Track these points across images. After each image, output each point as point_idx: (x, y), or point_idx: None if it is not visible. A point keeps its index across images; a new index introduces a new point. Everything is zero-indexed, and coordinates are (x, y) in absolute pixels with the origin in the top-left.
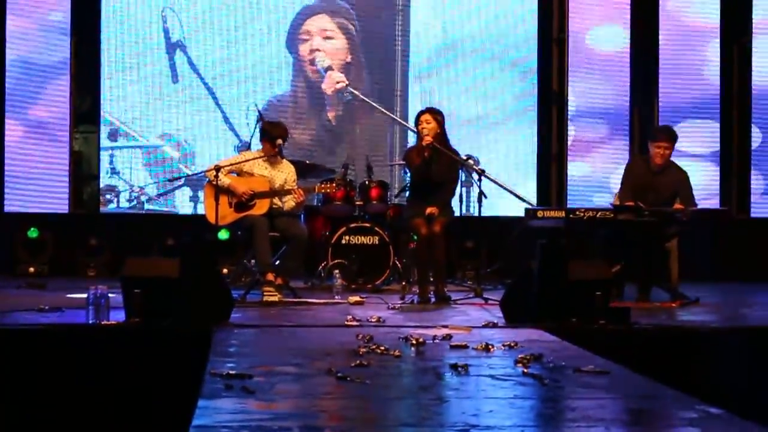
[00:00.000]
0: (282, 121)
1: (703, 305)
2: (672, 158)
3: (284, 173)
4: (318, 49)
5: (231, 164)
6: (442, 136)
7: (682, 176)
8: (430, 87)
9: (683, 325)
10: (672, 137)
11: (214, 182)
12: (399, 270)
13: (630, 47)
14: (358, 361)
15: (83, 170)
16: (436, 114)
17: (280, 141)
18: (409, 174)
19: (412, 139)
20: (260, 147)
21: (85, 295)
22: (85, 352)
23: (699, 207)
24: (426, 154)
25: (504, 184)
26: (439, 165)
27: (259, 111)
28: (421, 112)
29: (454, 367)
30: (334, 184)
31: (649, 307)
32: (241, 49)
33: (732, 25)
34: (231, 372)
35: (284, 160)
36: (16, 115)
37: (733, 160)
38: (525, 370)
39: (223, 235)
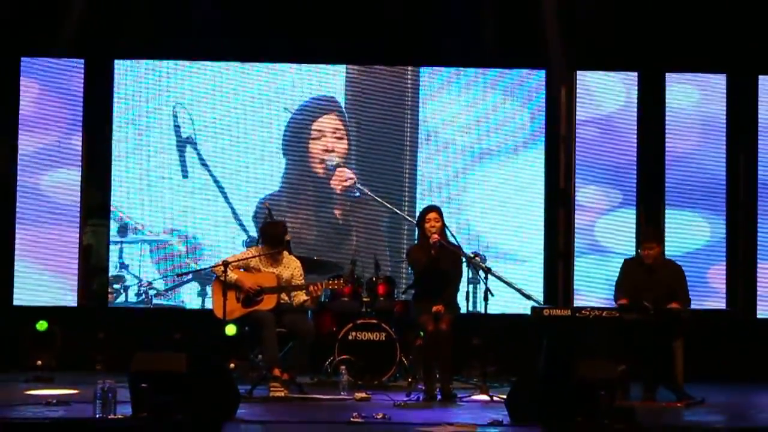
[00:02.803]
0: (280, 220)
1: (709, 405)
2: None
3: (290, 269)
4: (330, 149)
5: (238, 260)
6: (443, 231)
7: (678, 272)
8: (438, 183)
9: (689, 425)
10: (659, 238)
11: (222, 278)
12: (405, 366)
13: (636, 149)
14: None
15: (92, 264)
16: (440, 211)
17: (288, 237)
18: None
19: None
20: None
21: (92, 389)
22: None
23: (705, 307)
24: (433, 252)
25: (510, 281)
26: (445, 261)
27: (268, 207)
28: (427, 210)
29: None
30: (341, 281)
31: (654, 407)
32: (251, 144)
33: (738, 119)
34: None
35: (289, 255)
36: (25, 208)
37: (740, 261)
38: None
39: (231, 330)
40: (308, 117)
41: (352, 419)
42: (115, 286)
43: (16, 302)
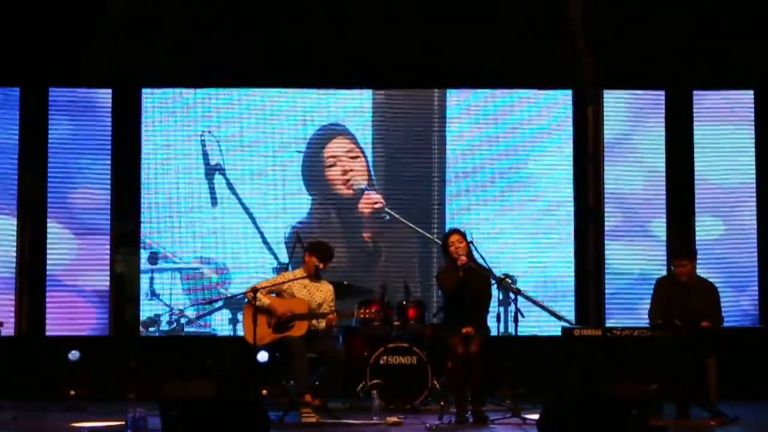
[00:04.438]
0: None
1: (743, 424)
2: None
3: (323, 293)
4: (347, 170)
5: (271, 285)
6: (470, 253)
7: (711, 291)
8: (467, 205)
9: None
10: (690, 254)
11: (253, 302)
12: (437, 390)
13: (665, 166)
14: None
15: (124, 293)
16: (463, 233)
17: (322, 265)
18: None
19: None
20: (300, 268)
21: (124, 419)
22: None
23: (737, 325)
24: (461, 274)
25: (541, 302)
26: (474, 283)
27: (297, 233)
28: (450, 233)
29: None
30: (374, 309)
31: (688, 426)
32: (279, 171)
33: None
34: None
35: (323, 280)
36: (56, 238)
37: None
38: None
39: (262, 357)
40: (317, 147)
41: None
42: (147, 316)
43: (48, 333)
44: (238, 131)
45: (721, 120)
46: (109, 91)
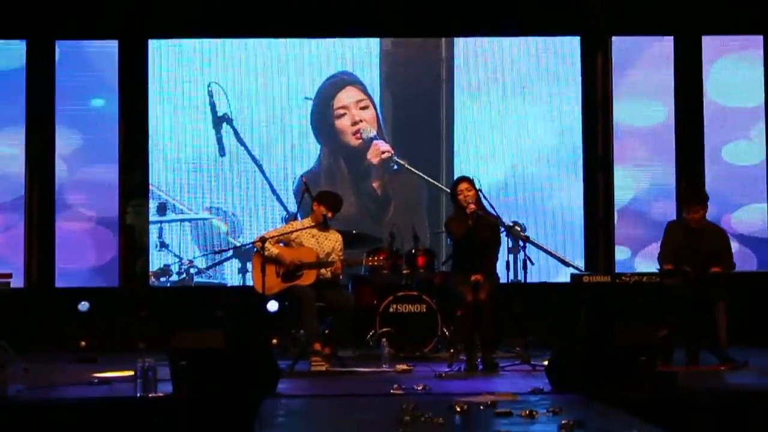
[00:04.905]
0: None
1: (752, 368)
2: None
3: (332, 242)
4: (356, 121)
5: (279, 234)
6: (479, 201)
7: (722, 236)
8: (475, 151)
9: (732, 388)
10: (703, 201)
11: (262, 252)
12: (447, 337)
13: (674, 113)
14: (401, 431)
15: (133, 244)
16: (471, 181)
17: (330, 214)
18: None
19: None
20: (308, 217)
21: (134, 369)
22: (133, 425)
23: (745, 270)
24: (470, 222)
25: (550, 249)
26: (483, 231)
27: (305, 182)
28: (458, 181)
29: None
30: (382, 257)
31: (697, 371)
32: (287, 120)
33: None
34: None
35: (332, 229)
36: (64, 189)
37: None
38: None
39: (272, 306)
40: (326, 97)
41: (392, 391)
42: (156, 267)
43: (58, 284)
44: (246, 81)
45: (729, 64)
46: (116, 42)
